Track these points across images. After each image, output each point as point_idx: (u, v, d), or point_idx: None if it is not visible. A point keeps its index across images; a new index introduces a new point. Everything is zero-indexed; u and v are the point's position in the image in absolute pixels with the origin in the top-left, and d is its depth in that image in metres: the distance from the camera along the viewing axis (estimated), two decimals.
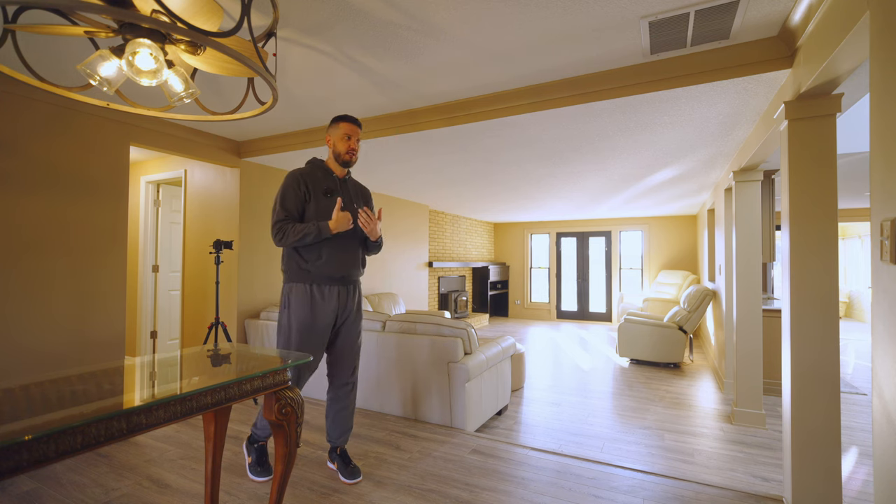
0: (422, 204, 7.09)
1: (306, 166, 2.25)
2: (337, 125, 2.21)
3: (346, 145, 2.20)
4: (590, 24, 1.93)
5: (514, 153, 3.80)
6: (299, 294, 2.16)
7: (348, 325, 2.28)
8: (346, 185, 2.29)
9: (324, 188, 2.20)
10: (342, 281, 2.22)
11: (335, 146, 2.22)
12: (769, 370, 4.14)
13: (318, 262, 2.15)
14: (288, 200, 2.14)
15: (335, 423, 2.31)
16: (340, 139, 2.20)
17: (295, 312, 2.15)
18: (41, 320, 2.70)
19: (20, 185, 2.62)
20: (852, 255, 10.12)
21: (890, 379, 1.12)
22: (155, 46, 1.31)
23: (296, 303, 2.15)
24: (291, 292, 2.17)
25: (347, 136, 2.20)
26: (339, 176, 2.27)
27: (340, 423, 2.31)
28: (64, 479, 2.21)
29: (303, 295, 2.15)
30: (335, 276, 2.18)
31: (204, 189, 4.26)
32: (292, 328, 2.15)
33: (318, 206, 2.17)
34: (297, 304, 2.15)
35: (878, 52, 1.18)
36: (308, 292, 2.15)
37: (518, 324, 9.17)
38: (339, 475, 2.28)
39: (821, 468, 1.96)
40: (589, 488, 2.19)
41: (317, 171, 2.23)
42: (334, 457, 2.34)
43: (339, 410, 2.30)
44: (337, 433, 2.31)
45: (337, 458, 2.32)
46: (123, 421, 1.17)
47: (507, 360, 3.60)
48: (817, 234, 1.99)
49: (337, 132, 2.21)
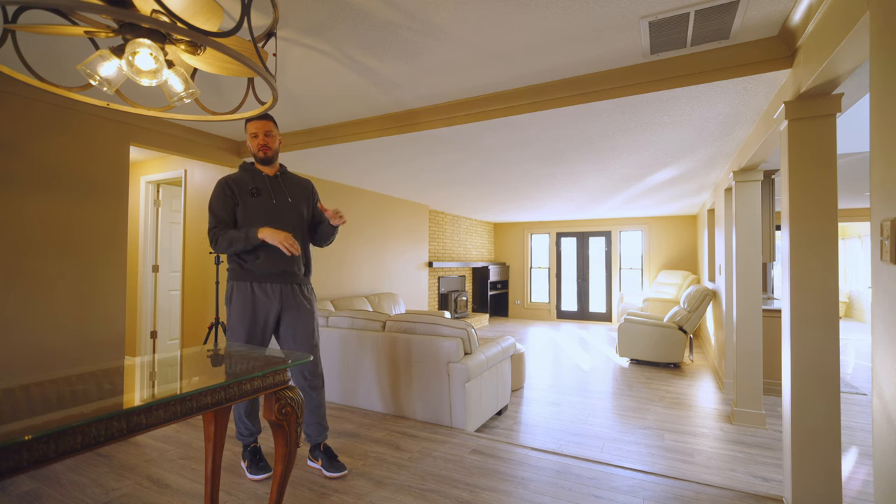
0: (422, 204, 7.09)
1: (237, 171, 2.31)
2: (245, 128, 2.26)
3: (255, 143, 2.23)
4: (590, 24, 1.93)
5: (514, 153, 3.80)
6: (240, 291, 2.24)
7: (293, 322, 2.29)
8: (278, 182, 2.31)
9: (250, 189, 2.24)
10: (282, 277, 2.26)
11: (250, 148, 2.27)
12: (769, 370, 4.14)
13: (257, 262, 2.21)
14: (216, 207, 2.22)
15: (309, 423, 2.34)
16: (249, 139, 2.25)
17: (236, 309, 2.23)
18: (41, 320, 2.70)
19: (20, 185, 2.63)
20: (852, 255, 10.12)
21: (890, 379, 1.12)
22: (155, 46, 1.31)
23: (237, 300, 2.24)
24: (233, 290, 2.25)
25: (254, 135, 2.23)
26: (270, 174, 2.30)
27: (315, 421, 2.34)
28: (64, 479, 2.21)
29: (243, 292, 2.23)
30: (274, 272, 2.24)
31: (204, 189, 4.26)
32: (236, 326, 2.23)
33: (246, 207, 2.22)
34: (238, 301, 2.23)
35: (878, 52, 1.18)
36: (249, 289, 2.23)
37: (518, 324, 9.17)
38: (323, 472, 2.30)
39: (821, 468, 1.95)
40: (589, 488, 2.19)
41: (244, 174, 2.28)
42: (317, 454, 2.36)
43: (310, 410, 2.33)
44: (315, 431, 2.35)
45: (321, 454, 2.34)
46: (123, 421, 1.17)
47: (507, 360, 3.60)
48: (817, 234, 1.99)
49: (246, 135, 2.27)
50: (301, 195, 2.36)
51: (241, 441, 2.37)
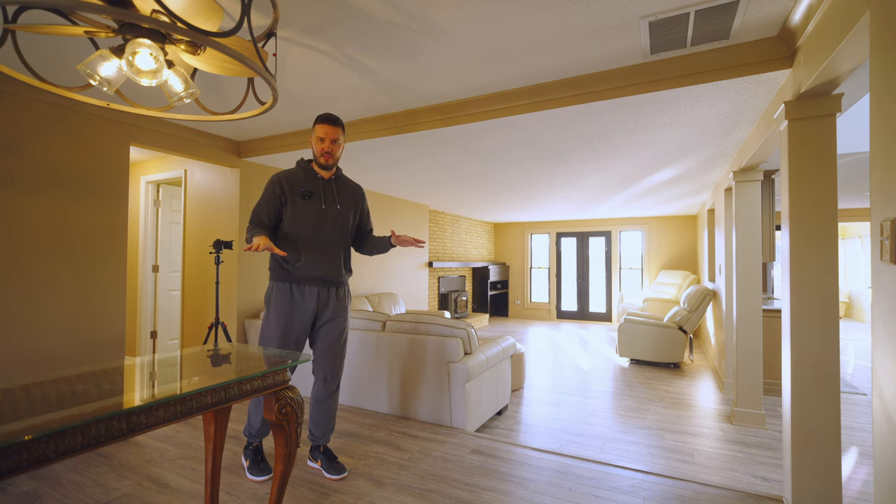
0: (422, 204, 7.09)
1: (294, 167, 2.28)
2: (314, 127, 2.19)
3: (320, 147, 2.18)
4: (590, 24, 1.93)
5: (514, 153, 3.80)
6: (280, 293, 2.22)
7: (329, 326, 2.29)
8: (331, 186, 2.27)
9: (301, 190, 2.20)
10: (321, 282, 2.25)
11: (313, 148, 2.22)
12: (769, 370, 4.14)
13: (298, 264, 2.20)
14: (259, 207, 2.20)
15: (319, 423, 2.34)
16: (315, 140, 2.19)
17: (274, 310, 2.21)
18: (41, 320, 2.70)
19: (20, 185, 2.62)
20: (852, 255, 10.12)
21: (890, 379, 1.12)
22: (155, 46, 1.31)
23: (276, 299, 2.22)
24: (273, 291, 2.24)
25: (321, 139, 2.17)
26: (325, 177, 2.26)
27: (325, 423, 2.34)
28: (64, 479, 2.21)
29: (283, 293, 2.21)
30: (314, 276, 2.22)
31: (204, 189, 4.26)
32: (271, 326, 2.21)
33: (296, 208, 2.19)
34: (276, 303, 2.22)
35: (878, 52, 1.18)
36: (288, 291, 2.21)
37: (518, 324, 9.17)
38: (323, 473, 2.30)
39: (821, 468, 1.95)
40: (589, 488, 2.19)
41: (299, 173, 2.24)
42: (317, 455, 2.36)
43: (323, 410, 2.33)
44: (321, 431, 2.34)
45: (321, 455, 2.35)
46: (123, 421, 1.17)
47: (507, 360, 3.60)
48: (817, 234, 1.99)
49: (314, 133, 2.19)
50: (351, 202, 2.33)
51: (247, 438, 2.35)
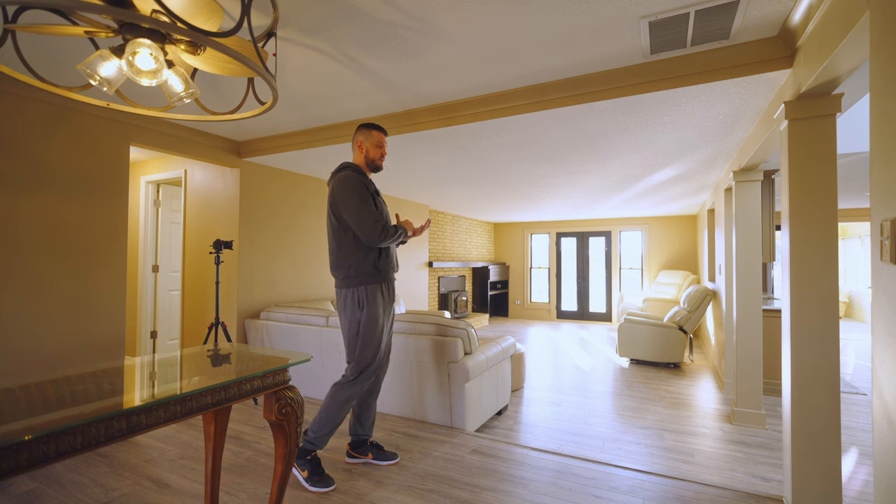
0: (422, 204, 7.09)
1: (353, 171, 2.26)
2: (370, 132, 2.32)
3: (380, 152, 2.34)
4: (590, 24, 1.93)
5: (514, 153, 3.80)
6: (374, 294, 2.25)
7: (391, 319, 2.42)
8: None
9: (374, 190, 2.31)
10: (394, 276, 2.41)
11: (368, 152, 2.33)
12: (769, 370, 4.14)
13: (387, 263, 2.31)
14: (371, 202, 2.22)
15: (369, 416, 2.43)
16: (374, 147, 2.33)
17: (373, 314, 2.24)
18: (40, 321, 2.70)
19: (20, 185, 2.62)
20: (852, 255, 10.12)
21: (890, 379, 1.12)
22: (155, 46, 1.31)
23: (373, 304, 2.24)
24: (366, 294, 2.23)
25: (380, 145, 2.33)
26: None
27: (373, 414, 2.45)
28: (64, 479, 2.21)
29: (377, 294, 2.27)
30: (394, 270, 2.38)
31: (204, 189, 4.26)
32: (373, 329, 2.24)
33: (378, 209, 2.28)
34: (373, 305, 2.24)
35: (879, 51, 1.18)
36: (380, 290, 2.28)
37: (518, 324, 9.17)
38: (377, 462, 2.41)
39: (821, 468, 1.95)
40: (589, 488, 2.19)
41: (364, 175, 2.30)
42: (365, 449, 2.44)
43: (372, 402, 2.43)
44: (370, 424, 2.45)
45: (370, 448, 2.44)
46: (123, 421, 1.17)
47: (507, 360, 3.60)
48: (817, 233, 1.99)
49: (371, 139, 2.32)
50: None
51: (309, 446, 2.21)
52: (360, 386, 2.24)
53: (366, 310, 2.22)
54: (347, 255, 2.23)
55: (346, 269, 2.24)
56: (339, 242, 2.25)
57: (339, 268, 2.26)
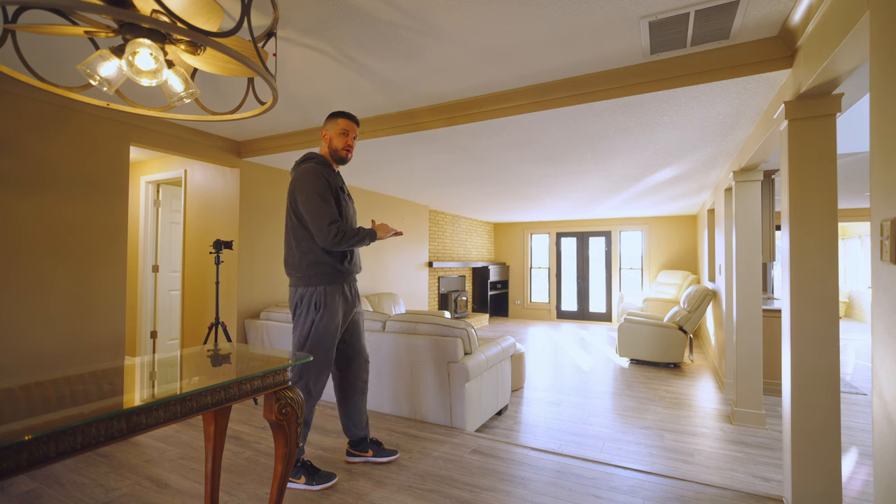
0: (422, 204, 7.09)
1: (317, 163, 2.13)
2: (335, 120, 2.18)
3: (344, 141, 2.17)
4: (590, 24, 1.93)
5: (514, 153, 3.80)
6: (334, 295, 2.14)
7: (356, 319, 2.35)
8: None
9: (338, 185, 2.18)
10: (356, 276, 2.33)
11: (332, 142, 2.18)
12: (769, 370, 4.14)
13: (350, 263, 2.21)
14: (330, 199, 2.07)
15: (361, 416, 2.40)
16: (338, 135, 2.17)
17: (331, 314, 2.12)
18: (40, 321, 2.70)
19: (19, 185, 2.62)
20: (852, 255, 10.12)
21: (890, 379, 1.12)
22: (155, 46, 1.31)
23: (331, 304, 2.13)
24: (324, 294, 2.11)
25: (345, 132, 2.17)
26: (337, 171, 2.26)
27: (365, 412, 2.43)
28: (64, 479, 2.21)
29: (338, 295, 2.16)
30: (357, 271, 2.28)
31: (204, 189, 4.26)
32: (328, 330, 2.13)
33: (340, 205, 2.15)
34: (331, 306, 2.13)
35: (879, 51, 1.18)
36: (341, 292, 2.18)
37: (518, 324, 9.17)
38: (377, 459, 2.40)
39: (821, 468, 1.95)
40: (589, 488, 2.19)
41: (328, 168, 2.16)
42: (365, 446, 2.42)
43: (359, 401, 2.39)
44: (364, 422, 2.42)
45: (370, 445, 2.43)
46: (123, 421, 1.17)
47: (507, 360, 3.60)
48: (817, 234, 1.99)
49: (335, 127, 2.17)
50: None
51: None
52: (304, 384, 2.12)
53: (322, 312, 2.10)
54: (306, 251, 2.10)
55: (303, 267, 2.11)
56: (297, 238, 2.11)
57: (296, 266, 2.12)
